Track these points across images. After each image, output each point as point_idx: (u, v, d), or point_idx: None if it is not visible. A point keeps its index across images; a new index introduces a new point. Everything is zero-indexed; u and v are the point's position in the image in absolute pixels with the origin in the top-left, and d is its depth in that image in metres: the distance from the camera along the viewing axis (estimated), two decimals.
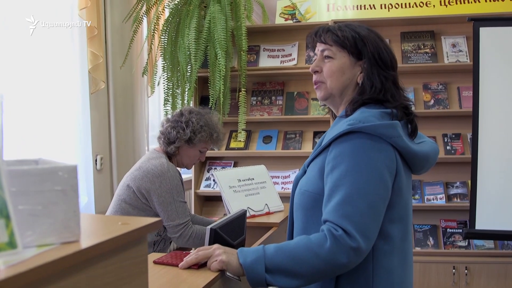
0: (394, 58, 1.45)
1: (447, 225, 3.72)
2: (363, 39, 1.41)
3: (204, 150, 2.44)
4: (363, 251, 1.23)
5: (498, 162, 3.13)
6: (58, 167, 0.77)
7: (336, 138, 1.30)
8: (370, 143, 1.27)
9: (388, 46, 1.45)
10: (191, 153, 2.40)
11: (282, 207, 2.42)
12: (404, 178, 1.33)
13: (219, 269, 1.39)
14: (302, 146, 3.90)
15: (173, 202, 2.21)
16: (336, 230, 1.23)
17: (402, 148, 1.31)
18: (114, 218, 1.03)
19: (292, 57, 3.97)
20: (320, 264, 1.24)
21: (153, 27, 3.65)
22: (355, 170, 1.25)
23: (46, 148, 2.89)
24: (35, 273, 0.69)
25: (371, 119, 1.29)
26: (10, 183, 0.71)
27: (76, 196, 0.80)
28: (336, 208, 1.25)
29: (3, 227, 0.67)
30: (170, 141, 2.36)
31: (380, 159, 1.26)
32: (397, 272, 1.34)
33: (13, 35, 2.67)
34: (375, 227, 1.25)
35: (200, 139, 2.35)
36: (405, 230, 1.37)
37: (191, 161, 2.44)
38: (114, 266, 0.88)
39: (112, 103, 3.60)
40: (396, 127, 1.29)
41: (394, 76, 1.42)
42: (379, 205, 1.26)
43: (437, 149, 1.50)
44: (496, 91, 3.15)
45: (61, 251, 0.76)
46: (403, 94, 1.44)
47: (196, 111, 2.44)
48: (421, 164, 1.39)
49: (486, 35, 3.15)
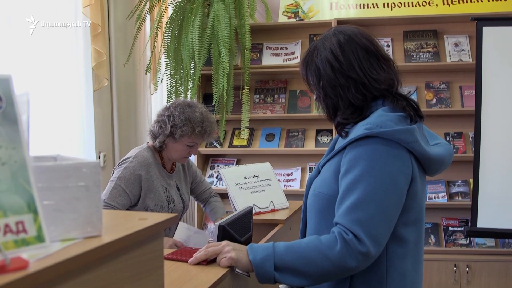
0: (355, 51, 1.37)
1: (448, 223, 3.74)
2: (307, 65, 1.44)
3: (192, 144, 2.34)
4: (372, 256, 1.24)
5: (500, 161, 3.14)
6: (82, 163, 0.79)
7: (353, 142, 1.30)
8: (386, 148, 1.26)
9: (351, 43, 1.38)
10: (178, 148, 2.33)
11: (287, 204, 2.44)
12: (419, 182, 1.33)
13: (229, 265, 1.40)
14: (304, 144, 3.92)
15: (113, 181, 2.22)
16: (346, 234, 1.24)
17: (418, 153, 1.31)
18: (131, 213, 1.04)
19: (295, 55, 3.98)
20: (329, 266, 1.25)
21: (157, 25, 3.66)
22: (369, 175, 1.25)
23: (50, 145, 2.89)
24: (63, 266, 0.70)
25: (389, 124, 1.28)
26: (36, 178, 0.72)
27: (99, 192, 0.81)
28: (348, 212, 1.25)
29: (31, 222, 0.69)
30: (154, 136, 2.33)
31: (395, 165, 1.26)
32: (410, 275, 1.35)
33: (16, 33, 2.67)
34: (385, 232, 1.26)
35: (181, 134, 2.27)
36: (419, 233, 1.38)
37: (180, 155, 2.36)
38: (133, 261, 0.90)
39: (115, 101, 3.61)
40: (414, 132, 1.29)
41: (357, 76, 1.36)
42: (391, 211, 1.26)
43: (451, 152, 1.50)
44: (498, 90, 3.17)
45: (85, 245, 0.77)
46: (385, 78, 1.37)
47: (182, 105, 2.35)
48: (436, 167, 1.40)
49: (489, 34, 3.17)
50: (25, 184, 0.69)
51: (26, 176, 0.70)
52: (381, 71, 1.37)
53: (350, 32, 1.40)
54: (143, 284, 0.94)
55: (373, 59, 1.38)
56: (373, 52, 1.38)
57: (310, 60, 1.43)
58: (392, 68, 1.41)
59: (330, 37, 1.41)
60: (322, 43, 1.41)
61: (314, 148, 3.88)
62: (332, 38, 1.40)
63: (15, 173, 0.69)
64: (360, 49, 1.37)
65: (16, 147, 0.70)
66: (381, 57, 1.39)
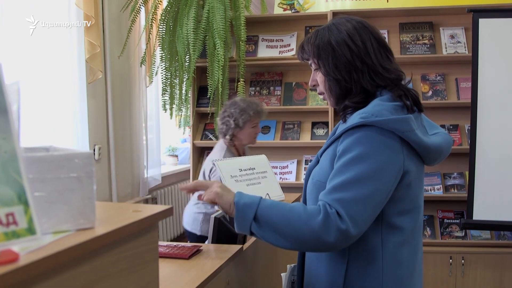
0: (373, 44, 1.39)
1: (444, 216, 3.74)
2: (319, 45, 1.41)
3: (254, 125, 2.94)
4: (351, 235, 1.23)
5: (496, 153, 3.14)
6: (74, 154, 0.77)
7: (348, 130, 1.30)
8: (380, 137, 1.27)
9: (365, 33, 1.39)
10: (246, 132, 2.94)
11: (283, 196, 2.42)
12: (415, 173, 1.33)
13: (212, 200, 1.39)
14: (300, 137, 3.90)
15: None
16: (330, 208, 1.24)
17: (414, 143, 1.30)
18: (126, 205, 1.03)
19: (291, 47, 3.96)
20: (306, 233, 1.24)
21: (151, 17, 3.62)
22: (360, 160, 1.26)
23: (44, 138, 2.87)
24: (54, 259, 0.69)
25: (384, 113, 1.28)
26: (27, 169, 0.71)
27: (91, 183, 0.80)
28: (332, 191, 1.26)
29: (22, 214, 0.67)
30: (224, 133, 2.95)
31: (386, 154, 1.27)
32: (407, 264, 1.36)
33: (10, 26, 2.65)
34: (366, 216, 1.26)
35: (244, 120, 2.89)
36: (415, 221, 1.38)
37: (250, 137, 2.97)
38: (127, 253, 0.88)
39: (109, 93, 3.58)
40: (409, 121, 1.29)
41: (371, 62, 1.37)
42: (375, 197, 1.26)
43: (450, 141, 1.49)
44: (495, 82, 3.16)
45: (78, 237, 0.76)
46: (394, 68, 1.39)
47: (231, 103, 2.97)
48: (434, 157, 1.39)
49: (485, 26, 3.16)
50: (15, 175, 0.68)
51: (17, 167, 0.68)
52: (390, 62, 1.40)
53: (362, 21, 1.42)
54: (138, 277, 0.93)
55: (383, 49, 1.40)
56: (382, 42, 1.41)
57: (323, 40, 1.41)
58: (394, 61, 1.43)
59: (344, 23, 1.41)
60: (336, 26, 1.41)
61: (310, 140, 3.86)
62: (346, 23, 1.41)
63: (5, 163, 0.67)
64: (373, 38, 1.39)
65: (6, 137, 0.68)
66: (388, 49, 1.42)
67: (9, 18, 2.65)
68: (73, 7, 3.10)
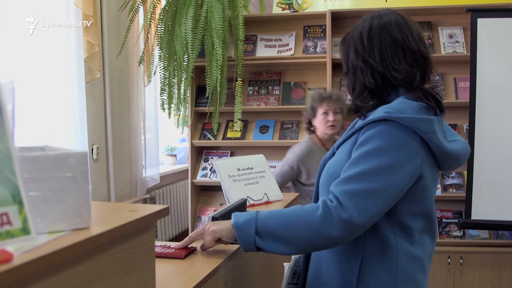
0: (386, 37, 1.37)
1: (442, 215, 3.74)
2: (344, 40, 1.47)
3: (325, 110, 3.03)
4: (355, 224, 1.21)
5: (494, 153, 3.14)
6: (69, 153, 0.77)
7: (371, 123, 1.30)
8: (401, 134, 1.26)
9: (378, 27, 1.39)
10: (319, 119, 3.05)
11: (281, 196, 2.42)
12: (430, 177, 1.32)
13: (214, 240, 1.39)
14: (298, 136, 3.90)
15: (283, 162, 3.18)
16: (331, 202, 1.23)
17: (435, 145, 1.29)
18: (122, 205, 1.02)
19: (289, 47, 3.96)
20: (309, 232, 1.24)
21: (150, 16, 3.62)
22: (377, 154, 1.25)
23: (42, 138, 2.87)
24: (49, 259, 0.68)
25: (409, 111, 1.28)
26: (22, 169, 0.70)
27: (87, 183, 0.80)
28: (343, 182, 1.26)
29: (16, 213, 0.67)
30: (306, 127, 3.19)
31: (404, 152, 1.26)
32: (419, 261, 1.35)
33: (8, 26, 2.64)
34: (374, 210, 1.24)
35: (314, 108, 3.07)
36: (429, 223, 1.38)
37: (325, 124, 3.05)
38: (123, 253, 0.88)
39: (108, 93, 3.57)
40: (433, 123, 1.28)
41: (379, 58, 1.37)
42: (386, 193, 1.24)
43: (468, 149, 1.47)
44: (493, 82, 3.16)
45: (73, 237, 0.75)
46: (405, 68, 1.36)
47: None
48: (450, 163, 1.37)
49: (484, 26, 3.16)
50: (9, 174, 0.67)
51: (11, 166, 0.68)
52: (403, 63, 1.36)
53: (387, 20, 1.40)
54: (134, 277, 0.93)
55: (399, 51, 1.37)
56: (401, 44, 1.37)
57: (347, 36, 1.46)
58: (419, 61, 1.38)
59: (368, 20, 1.42)
60: (358, 24, 1.44)
61: None
62: (368, 21, 1.42)
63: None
64: (389, 39, 1.37)
65: (0, 137, 0.68)
66: (408, 49, 1.37)
67: (9, 18, 2.65)
68: (72, 7, 3.09)
